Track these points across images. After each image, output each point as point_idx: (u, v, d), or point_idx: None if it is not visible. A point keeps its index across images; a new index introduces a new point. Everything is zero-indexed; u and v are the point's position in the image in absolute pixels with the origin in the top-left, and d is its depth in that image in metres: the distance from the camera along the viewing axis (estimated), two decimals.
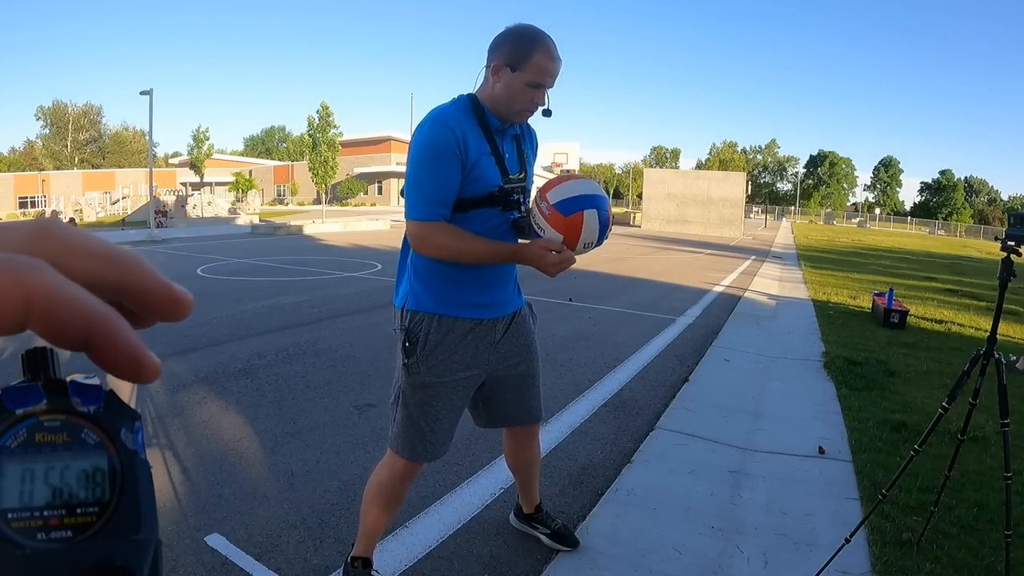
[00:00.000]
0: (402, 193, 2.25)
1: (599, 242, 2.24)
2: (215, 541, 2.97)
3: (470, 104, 2.25)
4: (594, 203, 2.18)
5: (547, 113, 2.28)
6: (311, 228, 26.25)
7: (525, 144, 2.42)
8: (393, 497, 2.51)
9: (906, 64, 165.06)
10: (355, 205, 58.61)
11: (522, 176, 2.34)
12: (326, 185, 38.20)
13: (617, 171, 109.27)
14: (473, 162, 2.17)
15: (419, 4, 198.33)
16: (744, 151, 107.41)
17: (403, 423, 2.38)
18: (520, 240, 2.31)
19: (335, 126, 38.13)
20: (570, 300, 9.80)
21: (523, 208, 2.31)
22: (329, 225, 27.74)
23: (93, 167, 76.02)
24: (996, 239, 2.83)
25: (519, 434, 2.75)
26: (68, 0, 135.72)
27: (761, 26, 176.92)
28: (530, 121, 2.38)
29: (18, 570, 0.27)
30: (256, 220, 32.84)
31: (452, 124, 2.14)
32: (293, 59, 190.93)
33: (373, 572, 2.60)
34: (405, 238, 2.31)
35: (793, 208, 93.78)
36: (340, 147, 39.25)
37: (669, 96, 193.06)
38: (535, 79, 2.16)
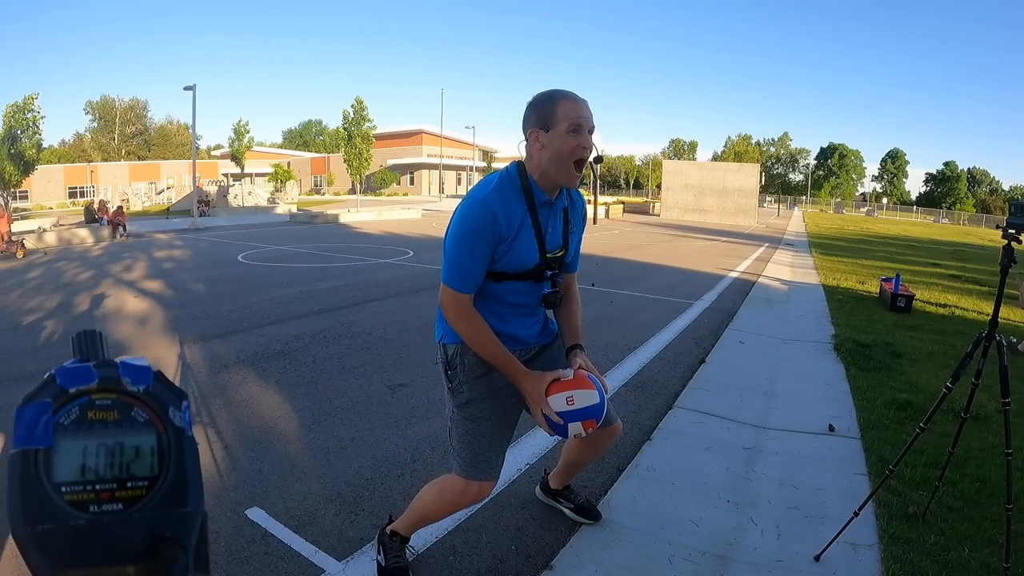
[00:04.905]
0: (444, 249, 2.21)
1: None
2: (255, 514, 3.01)
3: (518, 178, 2.18)
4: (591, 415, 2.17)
5: (598, 160, 2.21)
6: (346, 217, 26.29)
7: (572, 215, 2.35)
8: (454, 512, 2.55)
9: (912, 61, 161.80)
10: (388, 195, 58.70)
11: (561, 253, 2.30)
12: (360, 176, 38.18)
13: (637, 163, 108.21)
14: (512, 237, 2.13)
15: (450, 4, 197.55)
16: (758, 143, 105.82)
17: (461, 444, 2.33)
18: (541, 342, 2.42)
19: (369, 120, 38.04)
20: (592, 285, 9.77)
21: (556, 283, 2.28)
22: (363, 214, 27.75)
23: (139, 159, 76.08)
24: (997, 227, 2.80)
25: (600, 431, 2.58)
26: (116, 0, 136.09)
27: (775, 24, 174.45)
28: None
29: (72, 540, 0.28)
30: (294, 209, 32.89)
31: (495, 206, 2.09)
32: (329, 56, 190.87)
33: (408, 547, 2.64)
34: None
35: (804, 198, 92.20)
36: (374, 140, 39.13)
37: (686, 91, 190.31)
38: (570, 123, 2.08)
